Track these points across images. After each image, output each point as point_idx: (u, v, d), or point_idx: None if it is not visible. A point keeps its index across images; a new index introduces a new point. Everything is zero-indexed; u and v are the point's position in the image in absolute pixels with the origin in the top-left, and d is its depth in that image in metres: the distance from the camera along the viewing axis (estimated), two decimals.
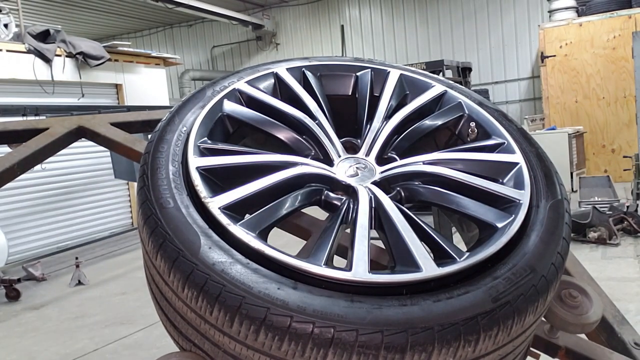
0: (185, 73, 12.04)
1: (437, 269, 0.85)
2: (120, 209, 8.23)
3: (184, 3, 9.69)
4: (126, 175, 6.45)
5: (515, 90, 10.70)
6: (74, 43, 7.03)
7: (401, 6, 11.46)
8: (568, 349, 1.18)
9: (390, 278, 0.83)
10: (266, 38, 12.68)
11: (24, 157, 1.56)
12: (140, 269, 2.11)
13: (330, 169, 1.08)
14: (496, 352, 0.82)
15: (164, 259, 0.84)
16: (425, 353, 0.75)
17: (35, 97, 6.65)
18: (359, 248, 0.88)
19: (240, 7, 11.86)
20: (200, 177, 0.95)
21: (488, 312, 0.79)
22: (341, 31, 12.00)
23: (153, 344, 3.55)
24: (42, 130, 1.68)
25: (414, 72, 1.33)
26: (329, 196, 1.03)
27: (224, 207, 0.90)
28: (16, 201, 6.70)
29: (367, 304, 0.77)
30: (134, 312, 4.25)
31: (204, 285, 0.78)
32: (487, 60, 10.79)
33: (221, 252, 0.82)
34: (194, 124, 1.06)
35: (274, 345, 0.75)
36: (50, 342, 3.82)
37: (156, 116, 1.85)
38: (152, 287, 0.95)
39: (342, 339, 0.73)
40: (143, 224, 0.91)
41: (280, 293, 0.77)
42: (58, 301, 4.85)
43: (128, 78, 8.07)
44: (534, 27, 9.97)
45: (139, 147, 1.58)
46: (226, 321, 0.77)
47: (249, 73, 1.24)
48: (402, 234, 0.92)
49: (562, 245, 0.94)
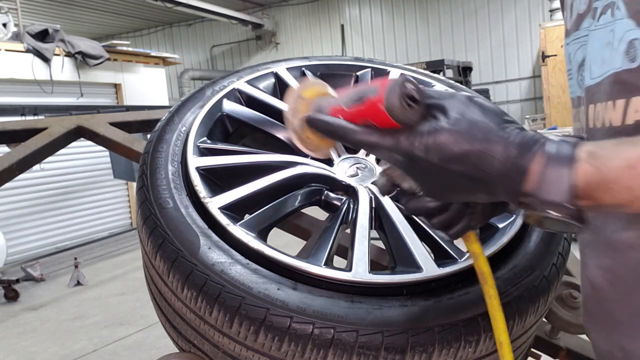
0: (184, 73, 12.04)
1: (437, 269, 0.85)
2: (119, 209, 8.24)
3: (184, 2, 9.69)
4: (125, 175, 6.45)
5: (516, 90, 10.71)
6: (72, 42, 7.03)
7: (401, 5, 11.47)
8: (569, 350, 1.18)
9: (390, 278, 0.83)
10: (266, 37, 12.69)
11: (23, 157, 1.55)
12: (139, 270, 2.11)
13: (330, 169, 1.07)
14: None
15: (163, 260, 0.83)
16: (425, 354, 0.75)
17: (34, 96, 6.65)
18: (359, 248, 0.87)
19: (240, 6, 11.86)
20: (199, 177, 0.95)
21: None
22: (341, 30, 12.01)
23: (152, 345, 3.55)
24: (40, 130, 1.67)
25: (415, 72, 1.32)
26: (329, 196, 1.03)
27: (223, 207, 0.90)
28: (15, 201, 6.70)
29: (367, 304, 0.77)
30: (133, 313, 4.25)
31: (203, 286, 0.78)
32: (487, 59, 10.80)
33: (221, 253, 0.82)
34: (193, 123, 1.06)
35: (273, 346, 0.75)
36: (49, 342, 3.82)
37: (155, 116, 1.85)
38: (151, 288, 0.94)
39: (342, 339, 0.73)
40: (142, 224, 0.90)
41: (280, 293, 0.76)
42: (57, 302, 4.85)
43: (127, 78, 8.07)
44: (535, 27, 9.98)
45: (138, 147, 1.57)
46: (226, 322, 0.76)
47: (249, 72, 1.23)
48: (402, 234, 0.92)
49: (563, 246, 0.94)
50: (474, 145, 0.54)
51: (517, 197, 0.54)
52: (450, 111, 0.56)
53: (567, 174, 0.51)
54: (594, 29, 0.63)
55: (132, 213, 8.20)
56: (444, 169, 0.55)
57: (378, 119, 0.59)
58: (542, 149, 0.53)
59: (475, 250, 0.68)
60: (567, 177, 0.51)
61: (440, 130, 0.55)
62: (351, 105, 0.61)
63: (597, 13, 0.63)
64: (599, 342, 0.68)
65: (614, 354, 0.65)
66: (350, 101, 0.61)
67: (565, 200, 0.51)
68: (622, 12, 0.59)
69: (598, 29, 0.63)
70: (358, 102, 0.60)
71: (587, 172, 0.51)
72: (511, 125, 0.56)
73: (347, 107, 0.62)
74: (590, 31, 0.64)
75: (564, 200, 0.51)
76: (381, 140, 0.58)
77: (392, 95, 0.56)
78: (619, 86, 0.58)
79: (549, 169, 0.52)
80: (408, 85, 0.57)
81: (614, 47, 0.59)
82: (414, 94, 0.57)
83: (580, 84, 0.67)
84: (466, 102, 0.57)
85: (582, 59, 0.66)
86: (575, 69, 0.69)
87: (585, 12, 0.66)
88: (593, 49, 0.63)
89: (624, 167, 0.49)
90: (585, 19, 0.66)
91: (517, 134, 0.54)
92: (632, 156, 0.49)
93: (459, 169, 0.55)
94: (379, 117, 0.58)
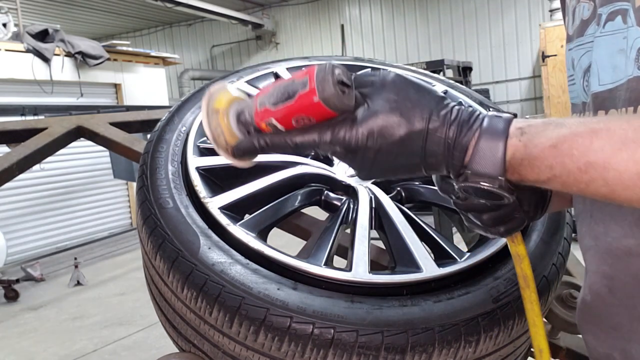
0: (184, 73, 12.03)
1: (437, 269, 0.85)
2: (119, 209, 8.23)
3: (184, 2, 9.68)
4: (125, 175, 6.45)
5: (516, 90, 10.70)
6: (72, 42, 7.03)
7: (401, 5, 11.47)
8: (569, 350, 1.18)
9: (390, 278, 0.83)
10: (266, 37, 12.68)
11: (23, 157, 1.55)
12: (139, 270, 2.11)
13: (330, 168, 1.08)
14: (497, 352, 0.82)
15: (163, 260, 0.83)
16: (425, 354, 0.75)
17: (34, 96, 6.65)
18: (359, 248, 0.87)
19: (240, 6, 11.86)
20: (199, 177, 0.95)
21: (489, 313, 0.79)
22: (341, 30, 12.00)
23: (152, 345, 3.55)
24: (40, 130, 1.67)
25: (415, 72, 1.32)
26: (329, 196, 1.03)
27: (223, 207, 0.90)
28: (15, 201, 6.70)
29: (367, 304, 0.77)
30: (133, 313, 4.25)
31: (203, 286, 0.78)
32: (487, 59, 10.80)
33: (221, 253, 0.82)
34: (193, 123, 1.06)
35: (273, 346, 0.75)
36: (49, 342, 3.82)
37: (155, 116, 1.85)
38: (151, 288, 0.94)
39: (342, 339, 0.73)
40: (142, 224, 0.90)
41: (280, 293, 0.76)
42: (57, 302, 4.85)
43: (127, 78, 8.07)
44: (534, 26, 9.98)
45: (138, 147, 1.57)
46: (226, 322, 0.76)
47: (249, 72, 1.23)
48: (402, 234, 0.92)
49: (563, 246, 0.94)
50: (415, 126, 0.54)
51: (457, 170, 0.55)
52: (386, 92, 0.55)
53: (499, 148, 0.53)
54: (600, 35, 0.63)
55: (132, 213, 8.20)
56: (386, 152, 0.55)
57: (313, 112, 0.56)
58: (480, 123, 0.54)
59: (521, 252, 0.64)
60: (499, 151, 0.53)
61: (378, 113, 0.54)
62: (280, 104, 0.57)
63: (602, 20, 0.63)
64: (596, 344, 0.68)
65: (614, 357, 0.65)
66: (277, 100, 0.57)
67: (497, 173, 0.53)
68: (632, 19, 0.59)
69: (604, 36, 0.63)
70: (288, 100, 0.56)
71: (515, 147, 0.53)
72: (448, 102, 0.56)
73: (275, 107, 0.57)
74: (595, 37, 0.64)
75: (497, 173, 0.53)
76: (320, 136, 0.56)
77: (325, 84, 0.54)
78: (630, 93, 0.59)
79: (483, 142, 0.53)
80: (337, 71, 0.54)
81: (627, 54, 0.59)
82: (344, 79, 0.55)
83: (585, 89, 0.67)
84: (401, 82, 0.56)
85: (588, 65, 0.66)
86: (579, 74, 0.69)
87: (589, 18, 0.66)
88: (600, 56, 0.63)
89: (548, 147, 0.51)
90: (590, 25, 0.66)
91: (457, 110, 0.55)
92: (555, 136, 0.51)
93: (401, 150, 0.54)
94: (313, 110, 0.55)
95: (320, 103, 0.54)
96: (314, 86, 0.54)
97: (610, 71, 0.62)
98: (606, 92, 0.62)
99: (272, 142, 0.59)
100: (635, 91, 0.58)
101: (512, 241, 0.64)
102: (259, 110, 0.59)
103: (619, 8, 0.61)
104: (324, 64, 0.55)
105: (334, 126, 0.56)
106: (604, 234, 0.63)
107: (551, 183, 0.52)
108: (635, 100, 0.58)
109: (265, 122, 0.59)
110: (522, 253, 0.64)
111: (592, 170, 0.49)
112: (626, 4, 0.60)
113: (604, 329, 0.66)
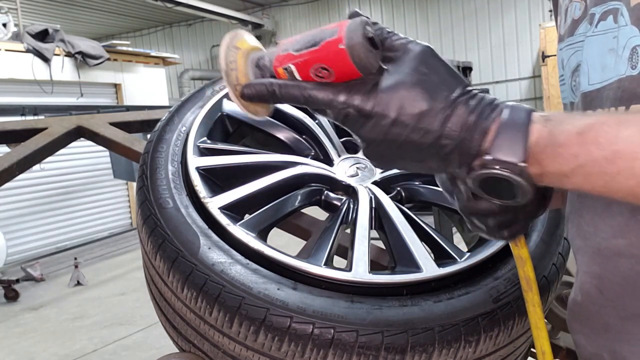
0: (184, 73, 12.03)
1: (437, 269, 0.85)
2: (119, 209, 8.24)
3: (184, 2, 9.69)
4: (125, 175, 6.45)
5: (516, 90, 10.70)
6: (72, 42, 7.03)
7: (401, 5, 11.47)
8: (569, 349, 1.18)
9: (390, 278, 0.83)
10: (266, 37, 12.68)
11: (23, 157, 1.55)
12: (139, 270, 2.11)
13: (330, 168, 1.07)
14: (497, 352, 0.82)
15: (163, 260, 0.83)
16: (425, 354, 0.75)
17: (34, 96, 6.65)
18: (359, 248, 0.87)
19: (240, 6, 11.86)
20: (199, 177, 0.95)
21: (489, 313, 0.79)
22: None
23: (152, 345, 3.56)
24: (40, 130, 1.67)
25: None
26: (329, 196, 1.02)
27: (223, 208, 0.90)
28: (15, 201, 6.70)
29: (367, 304, 0.77)
30: (133, 313, 4.25)
31: (203, 286, 0.78)
32: (487, 59, 10.80)
33: (221, 253, 0.82)
34: (193, 123, 1.06)
35: (273, 346, 0.75)
36: (49, 342, 3.82)
37: (155, 116, 1.85)
38: (151, 288, 0.94)
39: (342, 339, 0.73)
40: (142, 224, 0.90)
41: (280, 293, 0.76)
42: (57, 302, 4.85)
43: (127, 78, 8.07)
44: (535, 27, 9.98)
45: (138, 147, 1.57)
46: (226, 322, 0.76)
47: None
48: (402, 234, 0.92)
49: (563, 246, 0.94)
50: (438, 103, 0.52)
51: (471, 160, 0.53)
52: (415, 62, 0.53)
53: (522, 133, 0.52)
54: (591, 34, 0.63)
55: (132, 213, 8.20)
56: (401, 124, 0.52)
57: (335, 63, 0.52)
58: (500, 112, 0.53)
59: (524, 254, 0.63)
60: (523, 136, 0.51)
61: (404, 81, 0.52)
62: (303, 50, 0.54)
63: (594, 19, 0.62)
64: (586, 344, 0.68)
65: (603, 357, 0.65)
66: (301, 46, 0.54)
67: (519, 159, 0.51)
68: (625, 18, 0.59)
69: (596, 35, 0.62)
70: (313, 46, 0.53)
71: (539, 133, 0.51)
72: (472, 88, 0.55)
73: (298, 53, 0.54)
74: (586, 37, 0.63)
75: (518, 158, 0.51)
76: (335, 94, 0.54)
77: (354, 34, 0.51)
78: (621, 93, 0.58)
79: (506, 127, 0.52)
80: (369, 28, 0.52)
81: (619, 53, 0.59)
82: (375, 38, 0.52)
83: (574, 89, 0.67)
84: (432, 55, 0.54)
85: (577, 65, 0.65)
86: (568, 74, 0.68)
87: (580, 17, 0.66)
88: (591, 55, 0.63)
89: (574, 133, 0.50)
90: (580, 24, 0.65)
91: (481, 98, 0.54)
92: (582, 124, 0.50)
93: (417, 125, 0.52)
94: (336, 60, 0.52)
95: (345, 51, 0.51)
96: (343, 34, 0.52)
97: (600, 71, 0.61)
98: (595, 92, 0.62)
99: (284, 89, 0.56)
100: (627, 90, 0.57)
101: (515, 244, 0.63)
102: (280, 55, 0.57)
103: (612, 7, 0.60)
104: (358, 18, 0.53)
105: (352, 87, 0.54)
106: (594, 234, 0.63)
107: (573, 176, 0.50)
108: (628, 99, 0.57)
109: (283, 67, 0.56)
110: (525, 256, 0.64)
111: (620, 160, 0.47)
112: (618, 4, 0.59)
113: (593, 329, 0.65)
